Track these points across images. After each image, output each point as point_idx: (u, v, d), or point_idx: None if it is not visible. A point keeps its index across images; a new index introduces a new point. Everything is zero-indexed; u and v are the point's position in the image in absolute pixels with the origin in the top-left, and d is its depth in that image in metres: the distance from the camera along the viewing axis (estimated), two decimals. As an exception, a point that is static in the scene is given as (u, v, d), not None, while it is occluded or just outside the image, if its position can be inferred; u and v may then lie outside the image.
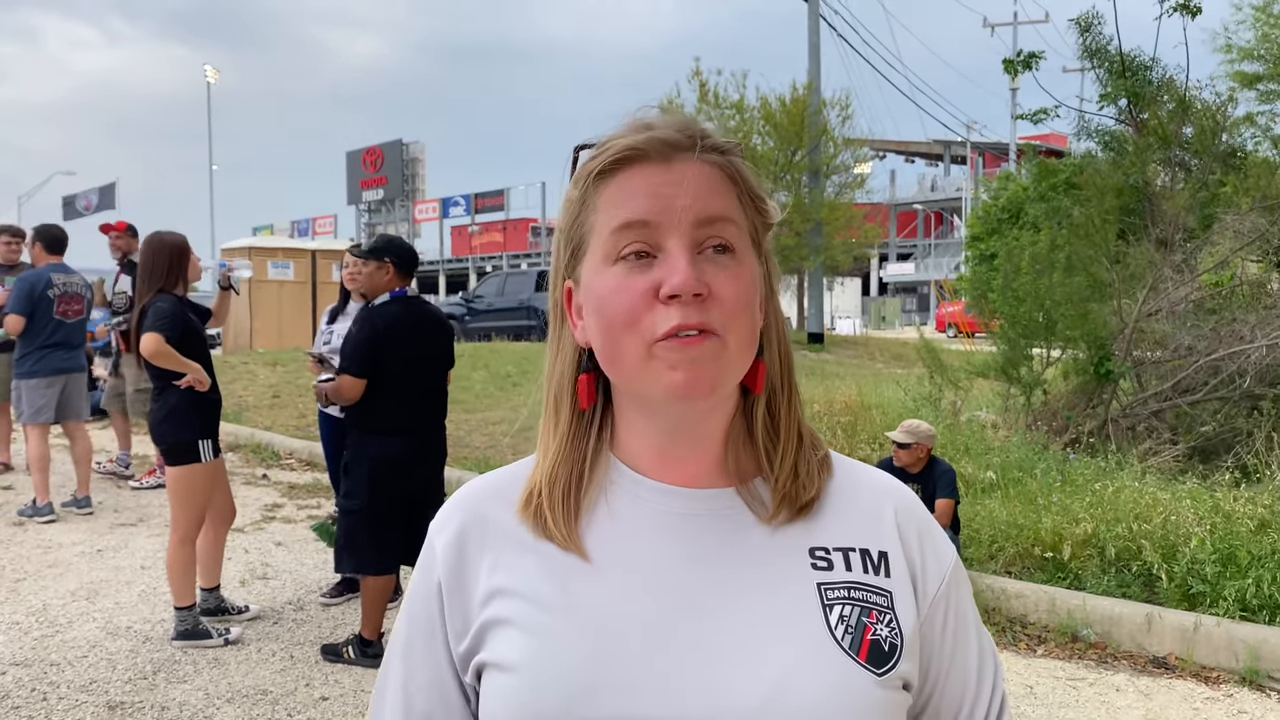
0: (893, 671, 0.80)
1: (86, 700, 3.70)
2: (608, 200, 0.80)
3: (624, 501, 0.85)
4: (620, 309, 0.78)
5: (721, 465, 0.86)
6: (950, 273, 39.93)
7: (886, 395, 8.95)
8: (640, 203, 0.78)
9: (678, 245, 0.77)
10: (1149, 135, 8.22)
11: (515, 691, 0.79)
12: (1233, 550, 4.42)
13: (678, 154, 0.80)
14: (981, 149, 45.74)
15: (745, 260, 0.80)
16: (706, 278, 0.77)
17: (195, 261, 4.52)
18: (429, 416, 4.24)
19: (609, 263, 0.79)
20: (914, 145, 53.02)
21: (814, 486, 0.85)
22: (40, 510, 6.34)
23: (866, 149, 27.50)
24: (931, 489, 4.96)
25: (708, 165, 0.81)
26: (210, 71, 50.17)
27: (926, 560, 0.87)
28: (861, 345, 22.66)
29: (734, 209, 0.81)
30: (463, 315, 20.58)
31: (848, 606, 0.81)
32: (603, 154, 0.81)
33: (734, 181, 0.82)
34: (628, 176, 0.80)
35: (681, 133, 0.81)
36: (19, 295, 6.32)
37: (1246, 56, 9.64)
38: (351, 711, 3.65)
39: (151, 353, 4.16)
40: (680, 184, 0.79)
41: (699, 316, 0.76)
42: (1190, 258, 8.01)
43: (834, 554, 0.84)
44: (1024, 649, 4.34)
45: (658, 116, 0.83)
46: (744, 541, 0.83)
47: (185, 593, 4.27)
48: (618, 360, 0.80)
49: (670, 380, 0.77)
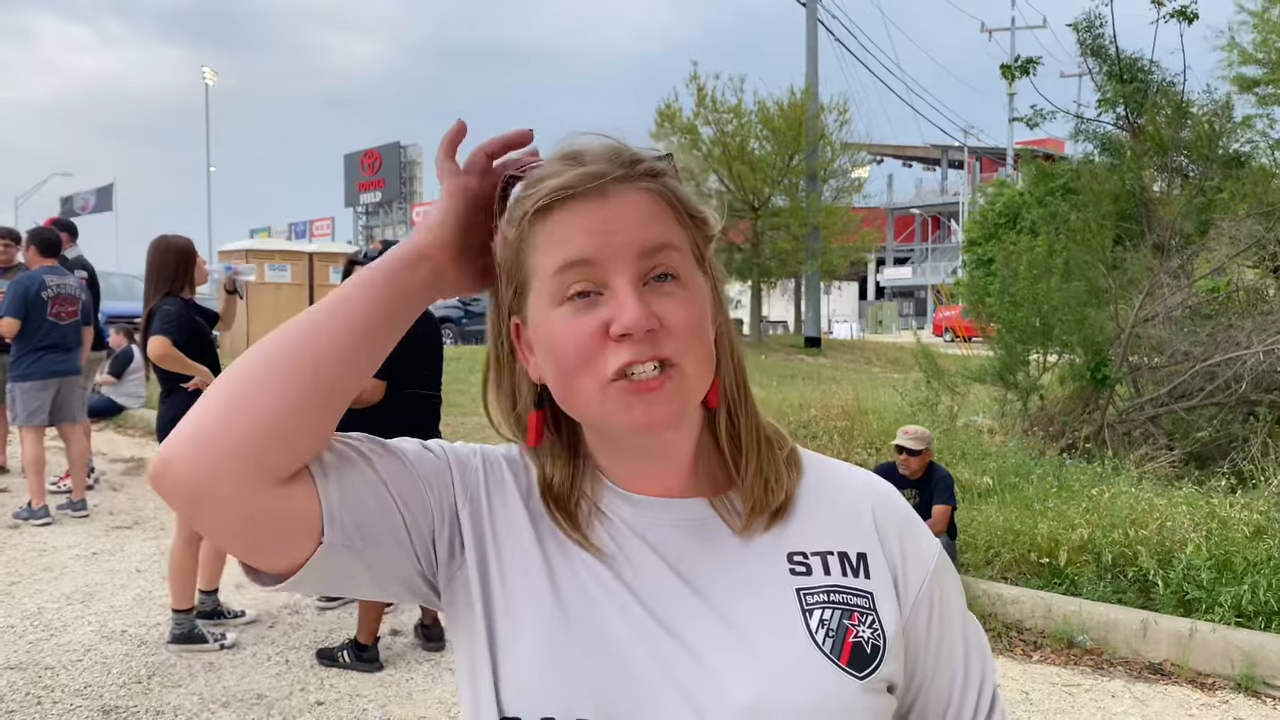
0: (875, 674, 0.80)
1: (81, 704, 3.69)
2: (546, 240, 0.79)
3: (605, 504, 0.86)
4: (571, 350, 0.77)
5: (692, 478, 0.86)
6: (947, 277, 39.98)
7: (883, 400, 8.95)
8: (579, 242, 0.77)
9: (623, 281, 0.76)
10: (1146, 140, 8.24)
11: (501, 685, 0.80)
12: (1228, 556, 4.43)
13: (611, 185, 0.78)
14: (979, 154, 45.85)
15: (692, 284, 0.80)
16: (656, 309, 0.77)
17: (201, 264, 4.57)
18: (423, 420, 4.23)
19: (555, 304, 0.78)
20: (911, 150, 53.11)
21: (783, 490, 0.85)
22: (36, 513, 6.33)
23: (864, 153, 27.56)
24: (929, 494, 4.96)
25: (643, 193, 0.79)
26: (208, 73, 50.19)
27: (908, 558, 0.87)
28: (858, 350, 22.68)
29: (674, 233, 0.80)
30: (459, 318, 20.57)
31: (828, 610, 0.81)
32: (534, 194, 0.79)
33: (671, 205, 0.81)
34: (563, 215, 0.78)
35: (611, 163, 0.79)
36: (13, 298, 6.31)
37: (1247, 60, 9.67)
38: (346, 716, 3.64)
39: (159, 356, 4.24)
40: (617, 219, 0.77)
41: (652, 350, 0.76)
42: (1187, 263, 8.04)
43: (812, 558, 0.84)
44: (1020, 655, 4.34)
45: (587, 143, 0.81)
46: (722, 550, 0.84)
47: (184, 596, 4.26)
48: (574, 401, 0.80)
49: (629, 419, 0.77)
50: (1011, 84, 9.21)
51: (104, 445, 9.12)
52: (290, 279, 17.85)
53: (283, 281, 17.74)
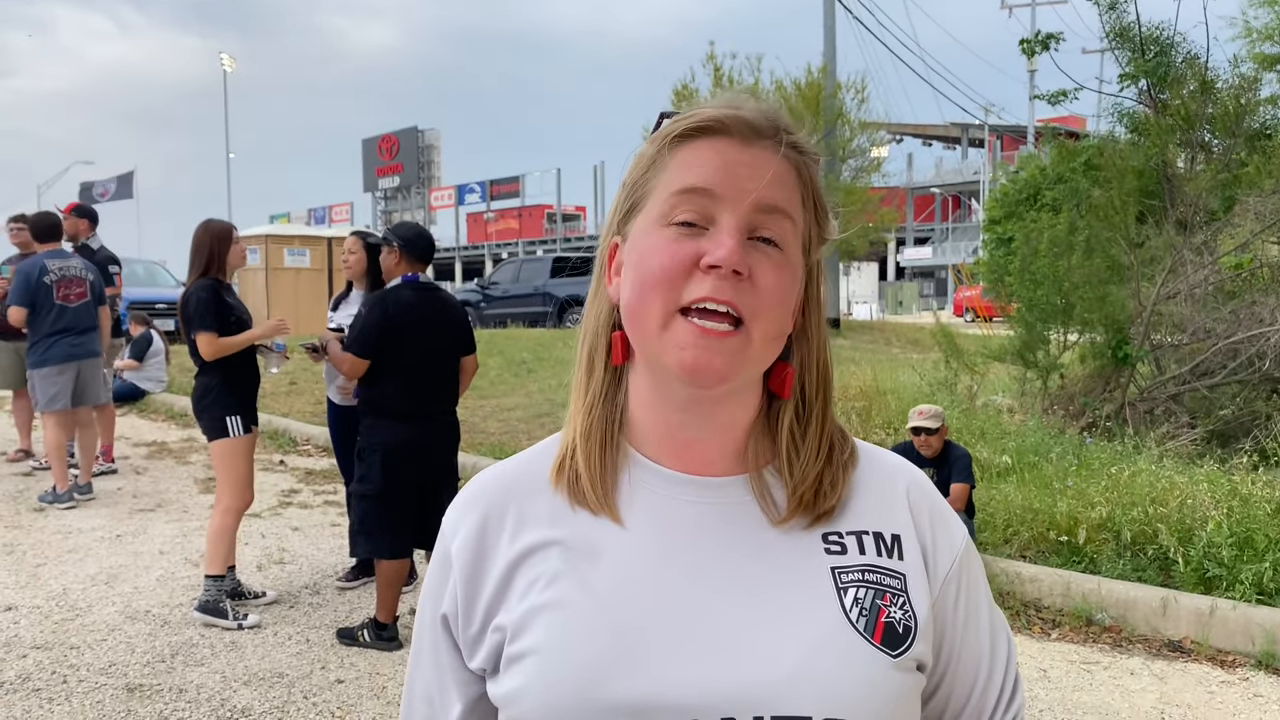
0: (907, 653, 0.80)
1: (106, 683, 3.75)
2: (678, 163, 0.81)
3: (639, 481, 0.85)
4: (658, 267, 0.78)
5: (740, 455, 0.85)
6: (968, 257, 39.68)
7: (902, 380, 8.91)
8: (709, 172, 0.79)
9: (731, 222, 0.78)
10: (1170, 116, 8.12)
11: (537, 674, 0.78)
12: (1250, 534, 4.39)
13: (758, 139, 0.80)
14: (1000, 132, 45.36)
15: (791, 258, 0.80)
16: (750, 261, 0.77)
17: (238, 248, 4.65)
18: (440, 401, 4.26)
19: (661, 224, 0.80)
20: (931, 128, 52.60)
21: (835, 496, 0.84)
22: (60, 497, 6.41)
23: (883, 132, 27.30)
24: (947, 473, 4.94)
25: (783, 160, 0.81)
26: (227, 60, 50.32)
27: (938, 541, 0.87)
28: (878, 330, 22.56)
29: (795, 207, 0.81)
30: (478, 302, 20.62)
31: (862, 589, 0.81)
32: (687, 119, 0.81)
33: (802, 183, 0.82)
34: (705, 145, 0.80)
35: (768, 121, 0.81)
36: (17, 286, 6.34)
37: (1266, 38, 9.50)
38: (366, 694, 3.68)
39: (211, 354, 4.40)
40: (752, 166, 0.79)
41: (731, 294, 0.76)
42: (1210, 240, 7.91)
43: (847, 538, 0.84)
44: (1038, 633, 4.32)
45: (749, 100, 0.83)
46: (758, 525, 0.83)
47: (216, 561, 4.40)
48: (640, 319, 0.80)
49: (679, 358, 0.77)
50: (1032, 60, 9.11)
51: (127, 430, 9.21)
52: (309, 264, 17.94)
53: (302, 266, 17.84)
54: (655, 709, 0.75)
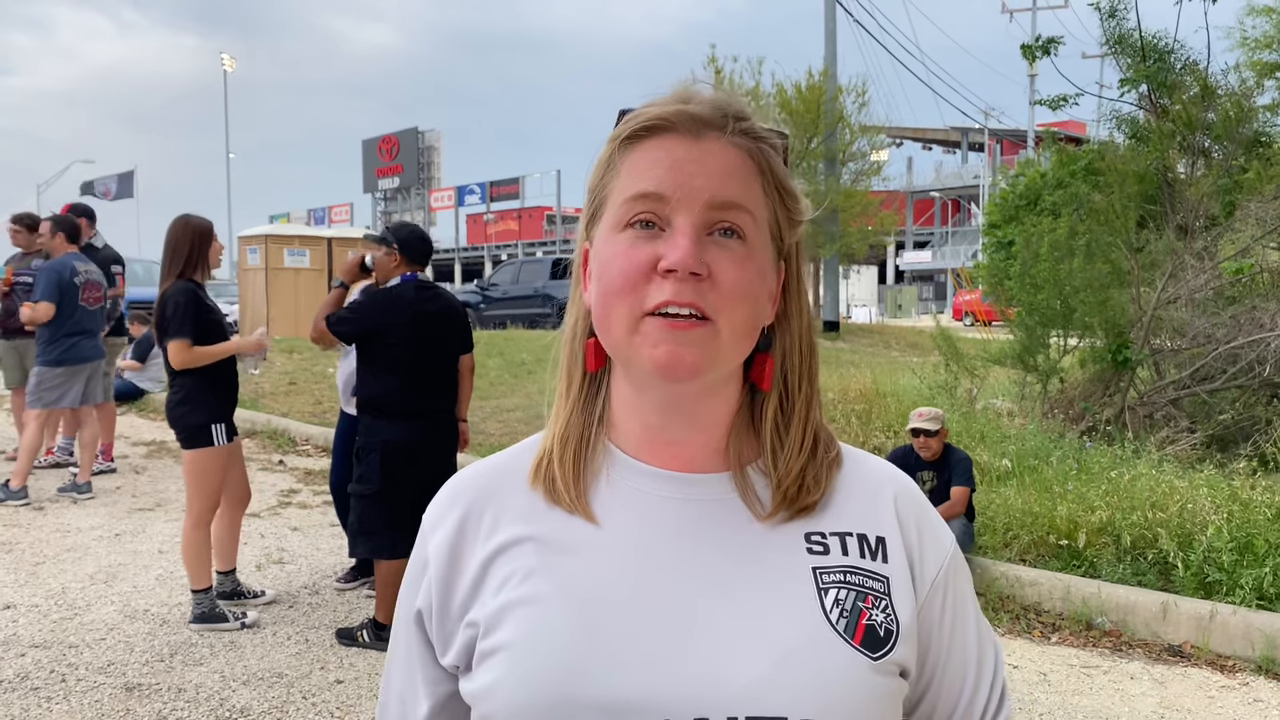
0: (888, 657, 0.79)
1: (104, 682, 3.74)
2: (629, 167, 0.80)
3: (621, 479, 0.84)
4: (618, 274, 0.77)
5: (722, 453, 0.84)
6: (967, 260, 39.68)
7: (901, 383, 8.91)
8: (658, 174, 0.77)
9: (685, 222, 0.76)
10: (1171, 121, 8.12)
11: (509, 669, 0.78)
12: (1250, 539, 4.39)
13: (707, 131, 0.79)
14: (999, 136, 45.42)
15: (755, 249, 0.79)
16: (708, 259, 0.76)
17: (218, 246, 4.49)
18: (437, 400, 4.25)
19: (617, 229, 0.79)
20: (931, 132, 52.65)
21: (819, 491, 0.83)
22: (14, 494, 6.47)
23: (883, 136, 27.35)
24: (948, 477, 4.94)
25: (735, 148, 0.79)
26: (227, 60, 50.31)
27: (925, 547, 0.86)
28: (877, 334, 22.58)
29: (753, 198, 0.79)
30: (478, 303, 20.64)
31: (843, 590, 0.80)
32: (633, 120, 0.80)
33: (760, 171, 0.80)
34: (652, 146, 0.79)
35: (716, 111, 0.80)
36: (49, 283, 6.35)
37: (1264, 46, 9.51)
38: (366, 694, 3.68)
39: (182, 363, 4.20)
40: (701, 162, 0.78)
41: (692, 296, 0.75)
42: (1211, 245, 7.91)
43: (830, 538, 0.82)
44: (1038, 637, 4.32)
45: (702, 91, 0.82)
46: (740, 524, 0.82)
47: (201, 575, 4.30)
48: (608, 326, 0.79)
49: (654, 356, 0.76)
50: (1032, 65, 9.07)
51: (126, 429, 9.21)
52: (309, 264, 17.92)
53: (301, 266, 17.81)
54: (627, 706, 0.74)
